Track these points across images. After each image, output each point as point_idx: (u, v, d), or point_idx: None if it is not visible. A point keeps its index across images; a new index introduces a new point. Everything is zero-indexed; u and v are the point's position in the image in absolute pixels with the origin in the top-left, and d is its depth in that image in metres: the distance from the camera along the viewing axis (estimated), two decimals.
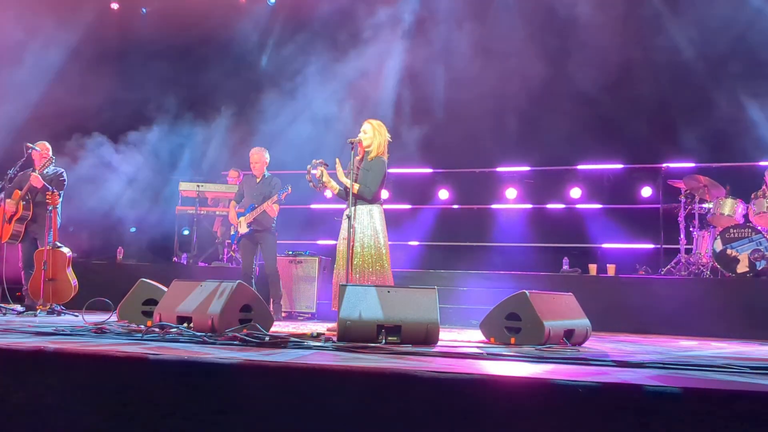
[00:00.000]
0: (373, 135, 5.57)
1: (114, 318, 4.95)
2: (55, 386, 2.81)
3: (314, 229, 9.46)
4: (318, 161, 5.52)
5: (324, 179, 5.52)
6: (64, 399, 2.77)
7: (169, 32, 9.59)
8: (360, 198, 5.45)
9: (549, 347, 4.06)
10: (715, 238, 6.93)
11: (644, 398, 2.28)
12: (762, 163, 7.95)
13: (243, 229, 6.82)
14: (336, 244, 5.67)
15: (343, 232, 5.44)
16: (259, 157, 6.95)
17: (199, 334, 3.91)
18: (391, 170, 5.64)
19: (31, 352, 2.95)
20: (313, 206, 9.85)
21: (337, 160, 5.52)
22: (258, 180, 6.94)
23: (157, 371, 2.75)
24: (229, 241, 9.17)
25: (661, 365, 3.11)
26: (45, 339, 3.58)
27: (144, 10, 10.58)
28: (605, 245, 8.92)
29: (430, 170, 9.93)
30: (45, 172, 6.79)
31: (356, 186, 5.42)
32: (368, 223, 5.44)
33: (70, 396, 2.77)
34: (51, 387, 2.81)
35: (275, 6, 10.30)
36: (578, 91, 8.47)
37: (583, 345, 4.51)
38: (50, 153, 6.90)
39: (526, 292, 4.40)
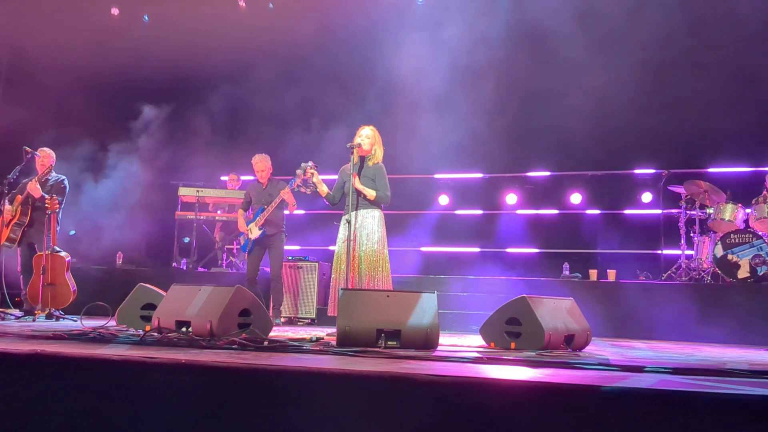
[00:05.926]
0: (374, 141, 5.57)
1: (112, 323, 4.94)
2: (51, 390, 2.79)
3: (309, 234, 9.42)
4: (306, 165, 5.63)
5: (315, 180, 5.59)
6: (60, 403, 2.75)
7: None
8: (375, 205, 5.49)
9: (549, 352, 4.04)
10: (716, 244, 6.91)
11: (645, 403, 2.26)
12: (763, 169, 7.93)
13: (255, 234, 6.74)
14: (335, 249, 5.65)
15: (343, 237, 5.42)
16: (264, 164, 6.93)
17: (197, 338, 3.89)
18: (390, 176, 5.68)
19: (27, 355, 2.93)
20: (308, 212, 9.82)
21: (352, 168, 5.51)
22: (264, 185, 6.94)
23: (153, 374, 2.73)
24: (229, 246, 9.17)
25: (662, 370, 3.09)
26: (42, 343, 3.56)
27: (146, 18, 10.54)
28: (606, 250, 8.89)
29: (429, 176, 9.92)
30: (46, 179, 6.77)
31: (373, 193, 5.45)
32: (372, 228, 5.43)
33: (67, 400, 2.75)
34: (47, 391, 2.79)
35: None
36: (578, 96, 8.46)
37: (584, 350, 4.50)
38: (51, 161, 6.86)
39: (526, 296, 4.39)
